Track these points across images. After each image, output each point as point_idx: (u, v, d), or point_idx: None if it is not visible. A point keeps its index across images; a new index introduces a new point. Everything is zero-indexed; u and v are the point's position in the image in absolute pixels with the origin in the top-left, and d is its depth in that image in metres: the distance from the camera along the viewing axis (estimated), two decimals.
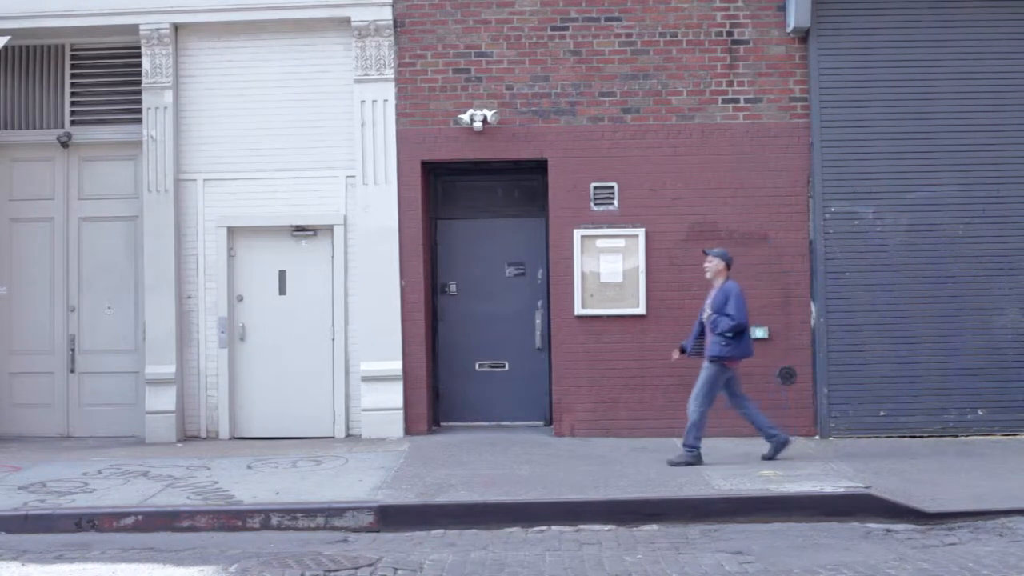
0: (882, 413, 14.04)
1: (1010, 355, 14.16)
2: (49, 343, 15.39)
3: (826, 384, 14.07)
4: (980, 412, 14.05)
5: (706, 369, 12.38)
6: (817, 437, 14.04)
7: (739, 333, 12.29)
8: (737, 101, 14.37)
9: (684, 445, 12.36)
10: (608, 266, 14.33)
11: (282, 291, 14.85)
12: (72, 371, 15.30)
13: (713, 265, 12.60)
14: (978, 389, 14.08)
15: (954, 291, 14.17)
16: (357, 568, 8.61)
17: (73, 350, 15.30)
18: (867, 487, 10.88)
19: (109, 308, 15.27)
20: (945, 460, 12.53)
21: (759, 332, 14.11)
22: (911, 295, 14.17)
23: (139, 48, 14.86)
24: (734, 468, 12.01)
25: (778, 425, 12.73)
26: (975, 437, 13.92)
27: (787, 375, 14.18)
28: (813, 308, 14.22)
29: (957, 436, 13.96)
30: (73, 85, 15.37)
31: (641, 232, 14.29)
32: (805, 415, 14.18)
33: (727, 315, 12.24)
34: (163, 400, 14.61)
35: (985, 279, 14.19)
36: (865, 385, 14.10)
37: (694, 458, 12.27)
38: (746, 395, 12.73)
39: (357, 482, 11.58)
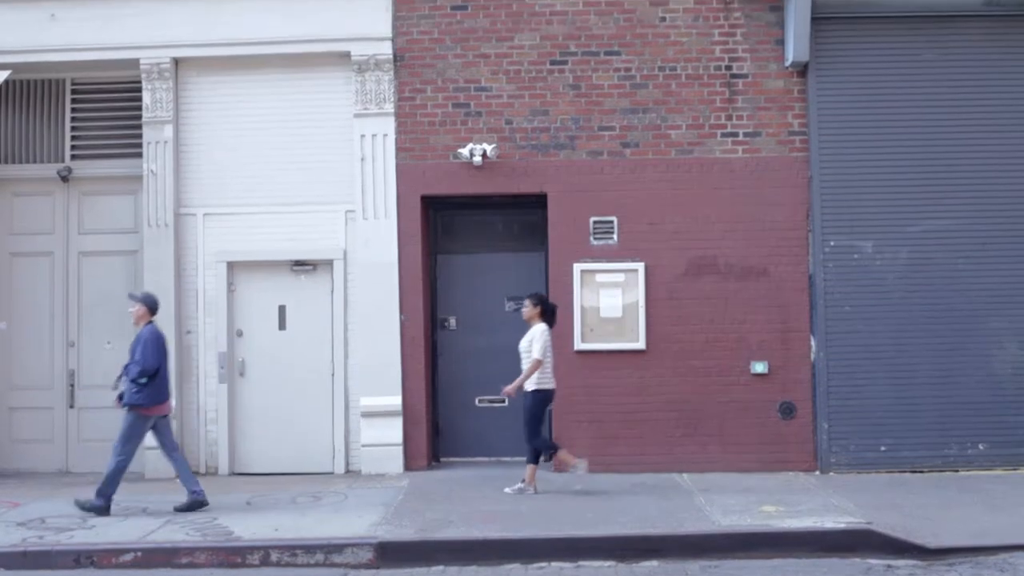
0: (882, 448, 14.01)
1: (1010, 389, 14.14)
2: (49, 378, 15.38)
3: (826, 419, 14.03)
4: (981, 447, 14.02)
5: (125, 418, 12.20)
6: (817, 472, 14.00)
7: (152, 379, 12.13)
8: (736, 135, 14.40)
9: (96, 491, 12.05)
10: (608, 300, 14.33)
11: (282, 326, 14.83)
12: (71, 406, 15.29)
13: (135, 311, 12.55)
14: (979, 423, 14.05)
15: (954, 325, 14.16)
16: None
17: (72, 385, 15.29)
18: (868, 523, 10.86)
19: (109, 343, 15.24)
20: (946, 495, 12.50)
21: (759, 367, 14.12)
22: (911, 329, 14.15)
23: (139, 82, 14.90)
24: (734, 503, 11.98)
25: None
26: (976, 472, 13.88)
27: (787, 410, 14.15)
28: (813, 342, 14.20)
29: (958, 471, 13.93)
30: (73, 119, 15.42)
31: (641, 266, 14.29)
32: (805, 450, 14.13)
33: (135, 361, 12.14)
34: None
35: (985, 313, 14.18)
36: (865, 420, 14.07)
37: (99, 508, 11.97)
38: (176, 444, 12.55)
39: (357, 518, 11.56)
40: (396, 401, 14.42)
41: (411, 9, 14.62)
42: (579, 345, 14.31)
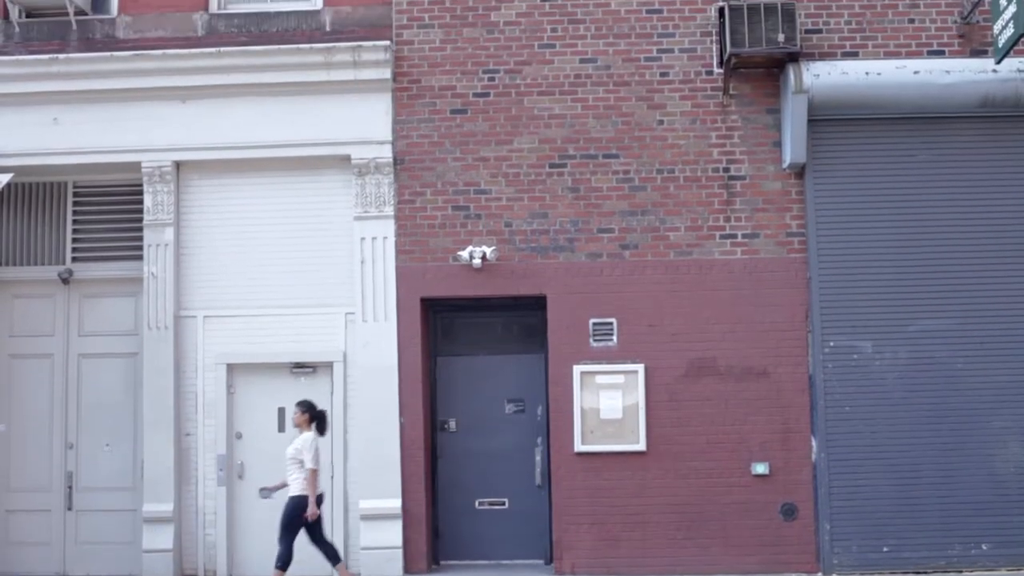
0: (885, 548, 13.94)
1: (1013, 489, 14.08)
2: (47, 480, 15.28)
3: (828, 520, 13.96)
4: (984, 547, 13.95)
5: None
6: (820, 574, 13.92)
7: None
8: (735, 236, 14.45)
9: None
10: (608, 402, 14.30)
11: (281, 428, 14.78)
12: (69, 509, 15.19)
13: None
14: (981, 524, 13.97)
15: (955, 424, 14.14)
16: None
17: (71, 487, 15.20)
18: None
19: (107, 445, 15.20)
20: None
21: (760, 468, 14.08)
22: (912, 429, 14.13)
23: (141, 185, 14.98)
24: None
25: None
26: (980, 572, 13.81)
27: (789, 511, 14.08)
28: (814, 443, 14.16)
29: (961, 571, 13.84)
30: (75, 222, 15.46)
31: (640, 368, 14.29)
32: (808, 551, 14.04)
33: None
34: (161, 538, 14.50)
35: (986, 412, 14.15)
36: (867, 520, 14.00)
37: None
38: None
39: None
40: (396, 504, 14.35)
41: (411, 113, 14.75)
42: (579, 447, 14.26)
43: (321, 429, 13.36)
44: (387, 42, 14.69)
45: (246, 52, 14.77)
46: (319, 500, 13.15)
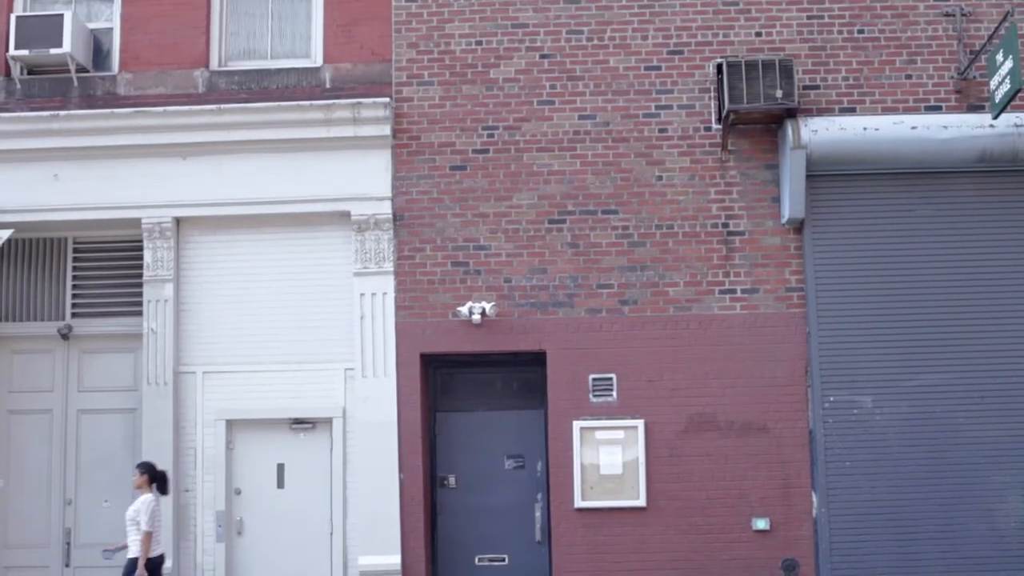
0: None
1: (1014, 544, 14.03)
2: (45, 536, 15.22)
3: (829, 575, 13.92)
4: None
5: None
6: None
7: None
8: (734, 292, 14.47)
9: None
10: (608, 458, 14.28)
11: (280, 484, 14.75)
12: (67, 565, 15.12)
13: None
14: None
15: (955, 479, 14.11)
16: None
17: (69, 544, 15.14)
18: None
19: (107, 501, 15.15)
20: None
21: (760, 523, 14.04)
22: (912, 484, 14.10)
23: (141, 241, 15.01)
24: None
25: None
26: None
27: (790, 567, 14.04)
28: (814, 498, 14.13)
29: None
30: (75, 278, 15.47)
31: (640, 423, 14.27)
32: None
33: None
34: None
35: (986, 467, 14.12)
36: (869, 575, 13.94)
37: None
38: None
39: None
40: (395, 560, 14.29)
41: (410, 169, 14.81)
42: (579, 503, 14.22)
43: (162, 489, 13.44)
44: (387, 99, 14.77)
45: (246, 109, 14.83)
46: (160, 561, 13.29)
